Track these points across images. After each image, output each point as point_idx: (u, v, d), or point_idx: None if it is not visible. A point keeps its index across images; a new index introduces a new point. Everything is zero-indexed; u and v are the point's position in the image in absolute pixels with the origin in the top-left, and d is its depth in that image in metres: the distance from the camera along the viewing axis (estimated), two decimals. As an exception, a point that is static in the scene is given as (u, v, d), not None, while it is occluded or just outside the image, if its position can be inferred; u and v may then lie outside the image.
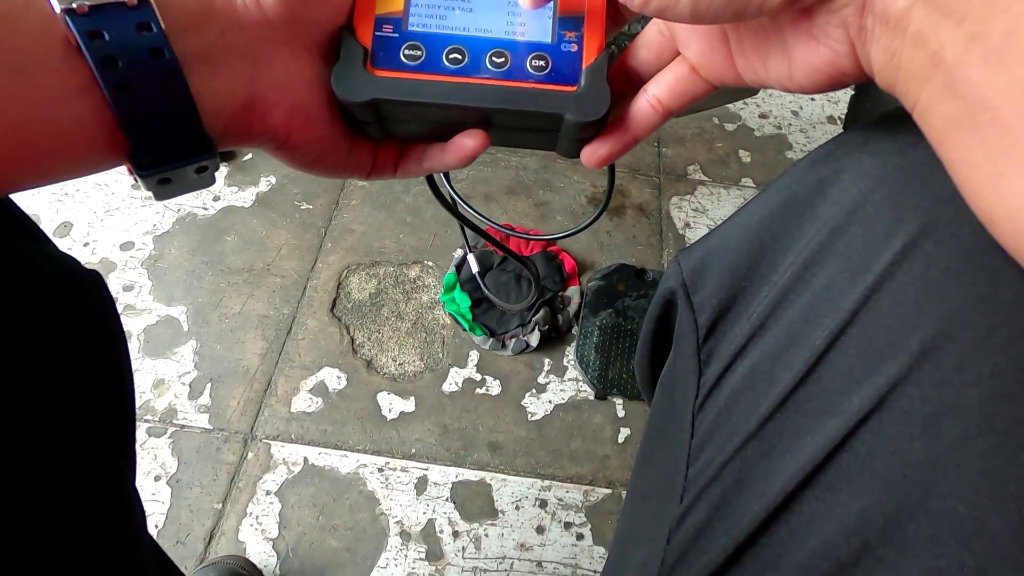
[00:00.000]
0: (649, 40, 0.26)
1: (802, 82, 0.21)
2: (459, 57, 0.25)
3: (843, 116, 1.07)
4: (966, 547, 0.18)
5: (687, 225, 0.95)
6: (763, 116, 1.09)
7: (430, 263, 0.88)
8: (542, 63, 0.25)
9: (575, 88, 0.25)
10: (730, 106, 1.10)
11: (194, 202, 0.91)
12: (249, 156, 0.97)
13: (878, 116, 0.24)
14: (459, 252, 0.87)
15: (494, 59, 0.25)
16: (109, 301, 0.29)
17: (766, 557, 0.22)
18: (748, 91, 0.70)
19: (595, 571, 0.67)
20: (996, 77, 0.15)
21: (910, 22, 0.17)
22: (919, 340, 0.19)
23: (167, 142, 0.21)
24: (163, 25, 0.20)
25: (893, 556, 0.19)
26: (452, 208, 0.39)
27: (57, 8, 0.19)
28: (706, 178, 1.00)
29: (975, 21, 0.16)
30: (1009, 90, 0.15)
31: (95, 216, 0.89)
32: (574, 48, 0.25)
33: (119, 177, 0.93)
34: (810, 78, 0.21)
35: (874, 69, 0.19)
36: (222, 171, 0.94)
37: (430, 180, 0.37)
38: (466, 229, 0.66)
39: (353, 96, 0.24)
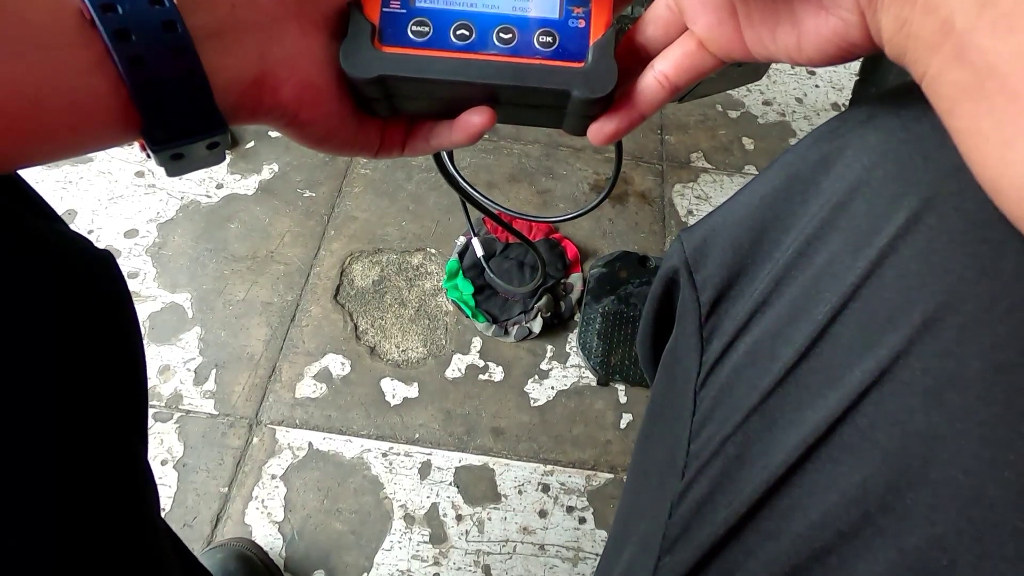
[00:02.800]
0: (657, 16, 0.26)
1: (811, 54, 0.21)
2: (466, 33, 0.25)
3: (847, 103, 1.07)
4: (964, 515, 0.18)
5: (690, 212, 0.95)
6: (767, 103, 1.08)
7: (433, 250, 0.88)
8: (549, 39, 0.25)
9: (582, 64, 0.25)
10: (733, 93, 1.09)
11: (197, 189, 0.92)
12: (252, 144, 0.97)
13: (881, 92, 0.24)
14: (462, 239, 0.87)
15: (501, 35, 0.25)
16: (121, 280, 0.30)
17: (767, 528, 0.23)
18: (752, 76, 0.70)
19: (597, 554, 0.68)
20: (1006, 44, 0.15)
21: None
22: (921, 312, 0.19)
23: (179, 117, 0.21)
24: None
25: (893, 525, 0.19)
26: (459, 187, 0.39)
27: None
28: (709, 165, 1.00)
29: None
30: (1018, 57, 0.15)
31: (99, 204, 0.90)
32: (581, 24, 0.25)
33: (123, 165, 0.93)
34: (819, 49, 0.21)
35: (884, 39, 0.19)
36: (224, 160, 0.94)
37: (439, 161, 0.37)
38: (471, 215, 0.66)
39: (360, 72, 0.24)
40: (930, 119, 0.21)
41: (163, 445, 0.72)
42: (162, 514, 0.67)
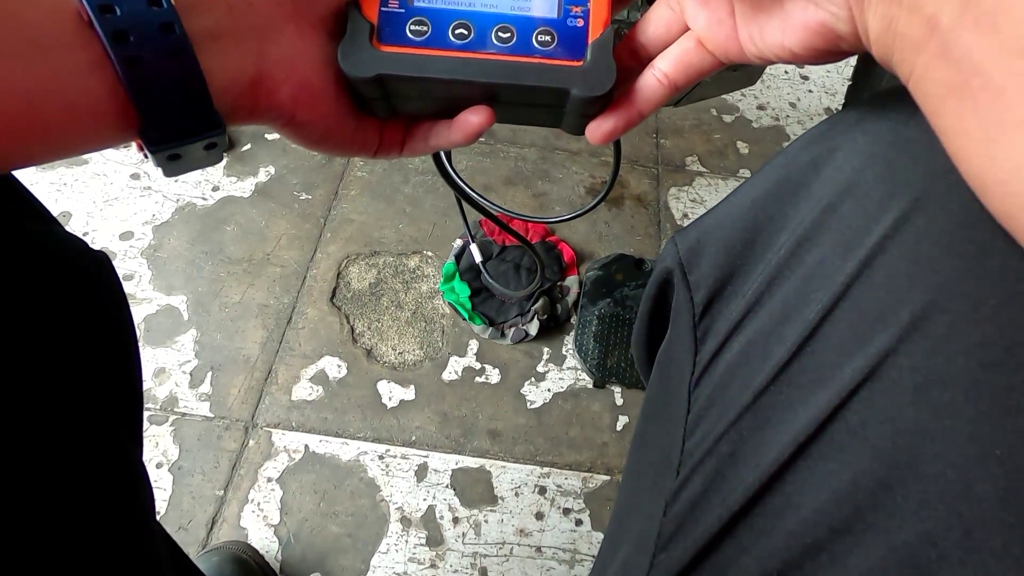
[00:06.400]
0: (658, 15, 0.26)
1: (794, 47, 0.22)
2: (465, 32, 0.25)
3: (840, 108, 1.08)
4: (954, 510, 0.18)
5: (685, 216, 0.95)
6: (761, 108, 1.09)
7: (429, 253, 0.88)
8: (548, 38, 0.25)
9: (581, 63, 0.25)
10: (728, 98, 1.10)
11: (193, 192, 0.92)
12: (248, 146, 0.97)
13: (870, 96, 0.24)
14: (458, 242, 0.87)
15: (500, 34, 0.25)
16: (116, 281, 0.30)
17: (760, 526, 0.23)
18: (746, 81, 0.70)
19: (594, 556, 0.68)
20: (988, 41, 0.16)
21: None
22: (910, 311, 0.19)
23: (177, 118, 0.22)
24: (173, 1, 0.20)
25: (883, 521, 0.20)
26: (458, 188, 0.39)
27: None
28: (704, 169, 1.00)
29: None
30: (1001, 54, 0.15)
31: (94, 206, 0.89)
32: (580, 23, 0.25)
33: (118, 167, 0.93)
34: (803, 43, 0.22)
35: (871, 39, 0.20)
36: (221, 161, 0.94)
37: (438, 161, 0.37)
38: (467, 218, 0.66)
39: (359, 72, 0.24)
40: (917, 122, 0.21)
41: (158, 448, 0.72)
42: (157, 517, 0.67)
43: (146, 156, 0.23)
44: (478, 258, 0.82)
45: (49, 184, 0.91)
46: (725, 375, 0.26)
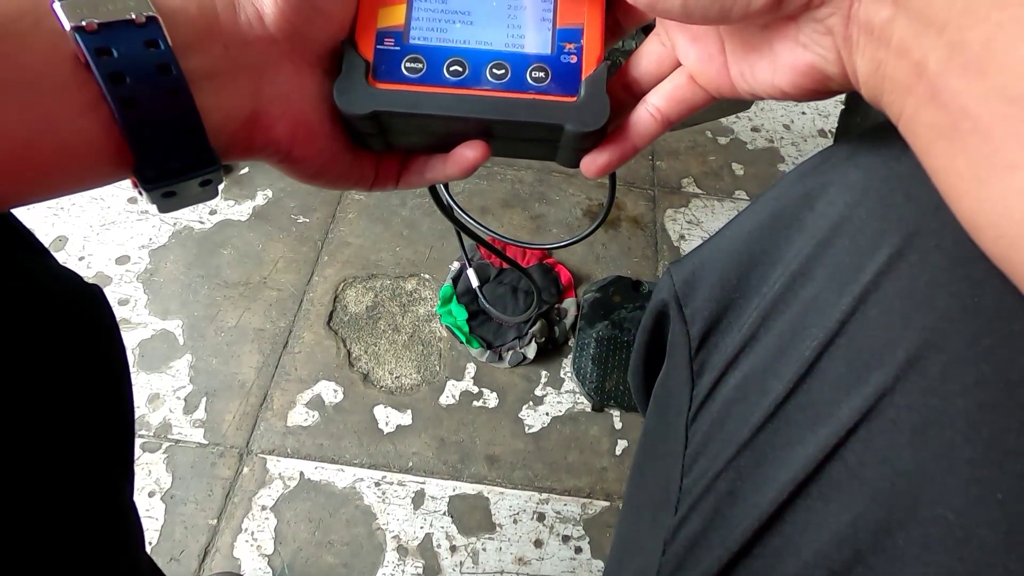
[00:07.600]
0: (650, 51, 0.26)
1: (784, 87, 0.22)
2: (460, 69, 0.25)
3: (834, 129, 1.09)
4: (955, 555, 0.18)
5: (682, 237, 0.95)
6: (755, 130, 1.10)
7: (427, 276, 0.88)
8: (542, 74, 0.25)
9: (575, 99, 0.25)
10: (723, 120, 1.11)
11: (190, 216, 0.92)
12: (246, 170, 0.97)
13: (863, 130, 0.24)
14: (455, 265, 0.87)
15: (494, 71, 0.25)
16: (110, 316, 0.29)
17: (760, 567, 0.22)
18: (741, 106, 0.71)
19: (593, 585, 0.67)
20: (976, 85, 0.16)
21: (893, 32, 0.18)
22: (905, 350, 0.19)
23: (172, 156, 0.22)
24: (170, 42, 0.21)
25: (884, 564, 0.19)
26: (454, 218, 0.40)
27: (67, 26, 0.19)
28: (700, 191, 1.01)
29: (955, 30, 0.16)
30: (989, 98, 0.16)
31: (91, 230, 0.89)
32: (573, 59, 0.25)
33: (115, 191, 0.93)
34: (793, 83, 0.22)
35: (860, 80, 0.20)
36: (216, 196, 0.95)
37: (432, 191, 0.37)
38: (464, 241, 0.67)
39: (355, 108, 0.24)
40: (910, 157, 0.21)
41: (151, 476, 0.71)
42: (149, 548, 0.66)
43: (141, 193, 0.23)
44: (475, 283, 0.82)
45: (46, 208, 0.91)
46: (722, 411, 0.25)
